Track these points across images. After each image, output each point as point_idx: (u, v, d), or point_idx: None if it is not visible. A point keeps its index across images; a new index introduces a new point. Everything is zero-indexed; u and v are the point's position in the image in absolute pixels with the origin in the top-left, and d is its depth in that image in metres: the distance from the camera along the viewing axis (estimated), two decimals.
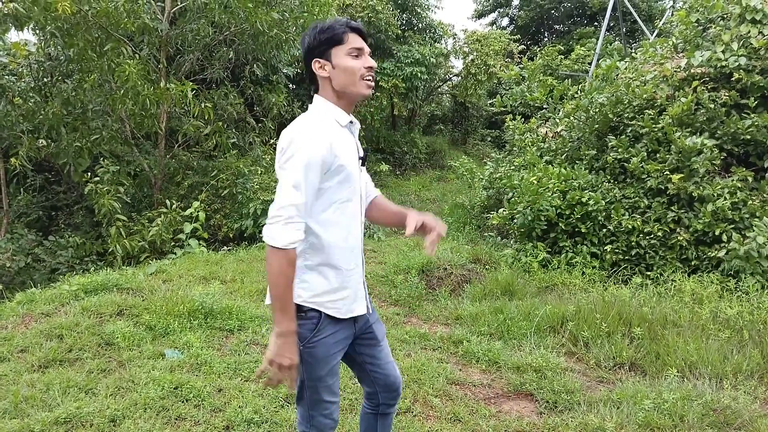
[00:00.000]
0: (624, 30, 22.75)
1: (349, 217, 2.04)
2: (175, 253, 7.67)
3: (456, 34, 18.76)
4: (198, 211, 8.12)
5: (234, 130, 11.43)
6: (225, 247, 8.26)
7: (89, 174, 8.62)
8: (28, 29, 8.38)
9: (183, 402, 3.46)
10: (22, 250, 8.60)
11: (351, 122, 2.05)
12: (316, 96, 2.07)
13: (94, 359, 4.00)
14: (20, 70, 10.14)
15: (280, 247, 1.82)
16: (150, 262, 7.07)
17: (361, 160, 2.08)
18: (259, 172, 10.27)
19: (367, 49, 2.00)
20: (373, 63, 1.99)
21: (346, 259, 2.05)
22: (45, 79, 9.97)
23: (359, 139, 2.19)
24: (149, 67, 9.17)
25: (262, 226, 7.34)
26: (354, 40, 1.96)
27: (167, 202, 8.82)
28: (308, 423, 2.15)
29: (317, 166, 1.87)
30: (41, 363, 3.90)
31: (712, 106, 6.75)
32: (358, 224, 2.11)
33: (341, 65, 1.96)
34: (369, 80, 1.99)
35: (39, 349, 4.08)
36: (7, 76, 9.61)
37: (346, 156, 1.98)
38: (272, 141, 11.90)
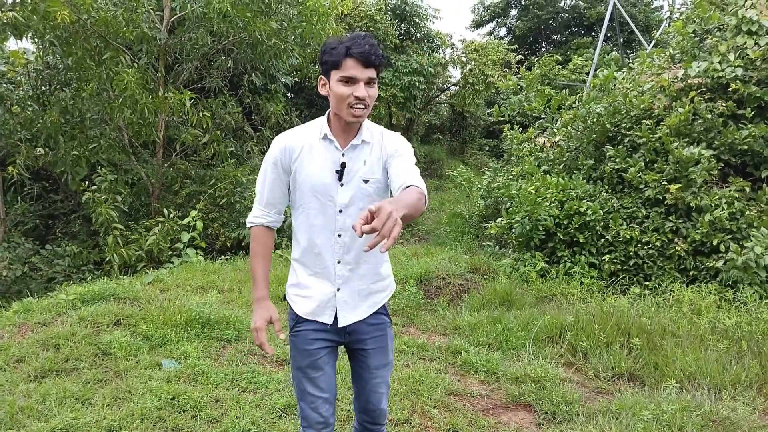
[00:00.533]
0: (621, 40, 22.88)
1: (311, 222, 2.14)
2: (173, 263, 7.65)
3: (454, 44, 18.85)
4: (195, 220, 8.10)
5: (232, 139, 11.45)
6: (222, 257, 8.25)
7: (87, 183, 8.62)
8: (26, 38, 8.40)
9: (180, 413, 3.44)
10: (18, 259, 8.56)
11: (325, 135, 2.09)
12: None
13: (91, 369, 3.98)
14: (18, 78, 10.16)
15: (250, 232, 2.28)
16: (147, 271, 7.06)
17: (337, 174, 2.08)
18: None
19: (362, 77, 1.95)
20: (362, 93, 1.96)
21: (311, 262, 2.20)
22: (43, 88, 9.98)
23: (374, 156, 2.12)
24: (148, 75, 9.18)
25: None
26: (349, 68, 1.94)
27: (165, 211, 8.81)
28: (300, 415, 2.26)
29: (271, 164, 2.14)
30: (37, 373, 3.88)
31: (709, 116, 6.77)
32: (325, 234, 2.13)
33: (333, 89, 2.00)
34: (355, 108, 1.98)
35: (35, 359, 4.06)
36: (5, 85, 9.63)
37: (311, 166, 2.09)
38: None
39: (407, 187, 1.88)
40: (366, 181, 2.11)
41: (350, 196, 2.09)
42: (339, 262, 2.16)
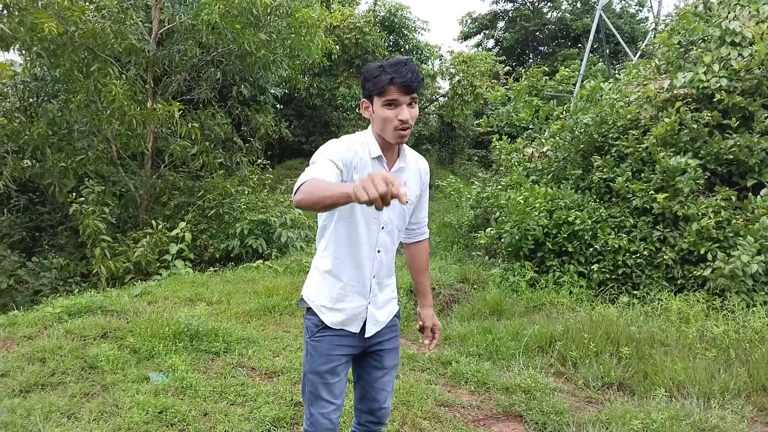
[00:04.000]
0: (607, 52, 23.12)
1: (356, 237, 2.16)
2: (161, 275, 7.59)
3: (442, 56, 18.99)
4: (184, 232, 8.06)
5: (221, 150, 11.43)
6: (211, 268, 8.19)
7: (74, 194, 8.55)
8: (14, 49, 8.37)
9: (168, 427, 3.40)
10: (4, 271, 8.47)
11: (380, 156, 2.13)
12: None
13: (77, 383, 3.93)
14: (5, 90, 10.09)
15: (297, 192, 1.82)
16: (135, 283, 6.99)
17: None
18: (246, 192, 10.24)
19: (404, 100, 2.03)
20: (406, 116, 2.04)
21: (348, 275, 2.21)
22: (30, 100, 9.92)
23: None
24: (136, 87, 9.16)
25: (249, 246, 7.33)
26: (392, 93, 2.02)
27: (153, 222, 8.76)
28: (308, 421, 2.27)
29: (333, 153, 2.01)
30: (23, 387, 3.82)
31: (695, 126, 6.84)
32: (367, 249, 2.19)
33: (377, 113, 2.08)
34: (401, 131, 2.07)
35: (20, 373, 4.00)
36: None
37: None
38: (259, 161, 11.90)
39: (421, 240, 2.51)
40: (407, 203, 2.18)
41: (392, 215, 2.22)
42: (374, 276, 2.25)
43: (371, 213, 2.14)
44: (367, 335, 2.26)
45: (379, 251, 2.23)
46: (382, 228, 2.20)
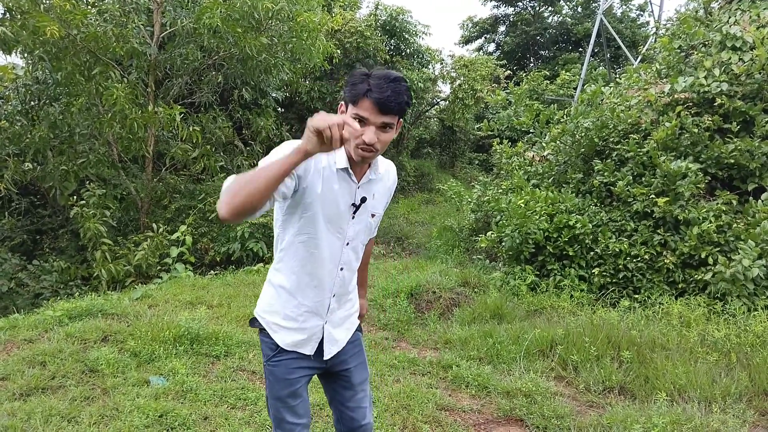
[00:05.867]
0: (608, 56, 23.16)
1: (317, 253, 2.01)
2: (161, 278, 7.60)
3: (443, 60, 19.00)
4: (185, 235, 8.06)
5: (222, 154, 11.44)
6: (212, 271, 8.20)
7: (75, 197, 8.56)
8: (16, 53, 8.39)
9: (168, 430, 3.40)
10: (5, 274, 8.47)
11: (345, 168, 1.95)
12: None
13: (78, 387, 3.93)
14: (7, 93, 10.11)
15: (221, 204, 1.63)
16: (135, 286, 7.01)
17: (354, 207, 2.02)
18: None
19: (375, 122, 1.82)
20: (371, 139, 1.82)
21: (306, 294, 2.07)
22: (32, 103, 9.93)
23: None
24: (137, 90, 9.17)
25: (250, 249, 7.33)
26: (364, 108, 1.81)
27: (154, 225, 8.77)
28: None
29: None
30: (23, 391, 3.82)
31: (695, 130, 6.84)
32: (329, 266, 2.06)
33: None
34: (363, 152, 1.87)
35: (21, 376, 4.00)
36: None
37: (327, 195, 1.94)
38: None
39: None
40: (373, 216, 2.13)
41: (358, 229, 2.09)
42: (334, 295, 2.12)
43: (336, 227, 2.00)
44: (326, 357, 2.15)
45: (342, 269, 2.08)
46: (347, 244, 2.06)
